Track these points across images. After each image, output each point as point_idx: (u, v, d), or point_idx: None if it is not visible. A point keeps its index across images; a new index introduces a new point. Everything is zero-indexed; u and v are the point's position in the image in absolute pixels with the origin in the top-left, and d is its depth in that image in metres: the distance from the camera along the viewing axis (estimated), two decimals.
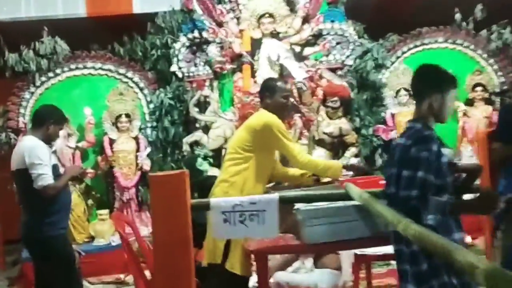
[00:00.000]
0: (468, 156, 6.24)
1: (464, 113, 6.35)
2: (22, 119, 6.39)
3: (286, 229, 3.14)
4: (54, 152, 6.10)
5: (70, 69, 6.59)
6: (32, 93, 6.48)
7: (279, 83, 3.73)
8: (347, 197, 2.84)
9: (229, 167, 3.53)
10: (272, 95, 3.59)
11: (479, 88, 6.33)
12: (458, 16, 6.55)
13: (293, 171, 3.74)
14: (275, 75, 6.21)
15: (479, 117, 6.31)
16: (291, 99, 3.64)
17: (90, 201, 6.50)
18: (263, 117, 3.56)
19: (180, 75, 6.50)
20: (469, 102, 6.43)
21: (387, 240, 2.96)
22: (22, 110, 6.43)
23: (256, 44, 6.47)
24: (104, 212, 6.24)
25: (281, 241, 3.03)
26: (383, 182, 3.91)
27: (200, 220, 3.31)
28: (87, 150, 6.54)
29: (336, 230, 2.93)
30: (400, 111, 6.51)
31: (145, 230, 6.15)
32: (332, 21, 6.64)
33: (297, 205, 3.01)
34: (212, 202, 2.77)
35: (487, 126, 6.27)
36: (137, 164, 6.44)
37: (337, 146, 6.29)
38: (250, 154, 3.48)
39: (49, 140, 3.95)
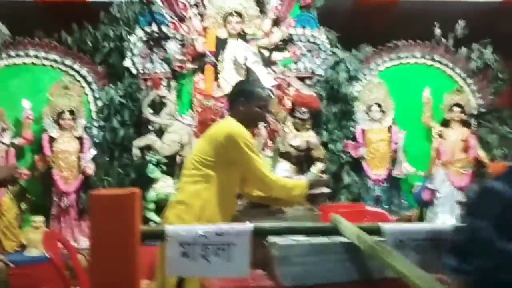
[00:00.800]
0: (441, 180, 5.83)
1: (440, 134, 5.94)
2: None
3: (255, 264, 2.55)
4: None
5: (10, 56, 5.89)
6: None
7: (258, 89, 3.13)
8: (334, 231, 2.31)
9: (186, 185, 2.92)
10: (248, 101, 3.02)
11: (457, 109, 5.91)
12: (437, 31, 6.16)
13: None
14: (239, 78, 5.66)
15: (455, 140, 5.90)
16: (267, 110, 3.09)
17: (23, 205, 5.77)
18: (227, 126, 2.98)
19: (134, 71, 5.91)
20: (446, 123, 6.02)
21: (382, 287, 2.43)
22: None
23: (221, 44, 5.91)
24: (39, 219, 5.51)
25: (250, 281, 2.45)
26: (372, 210, 3.44)
27: None
28: (24, 148, 5.82)
29: (320, 271, 2.36)
30: (371, 128, 6.08)
31: (85, 242, 5.52)
32: (304, 27, 6.18)
33: (272, 238, 2.43)
34: (168, 230, 2.18)
35: (462, 150, 5.87)
36: (79, 167, 5.77)
37: (303, 160, 5.81)
38: (210, 172, 2.88)
39: None
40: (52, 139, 5.74)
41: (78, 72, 6.01)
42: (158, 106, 5.83)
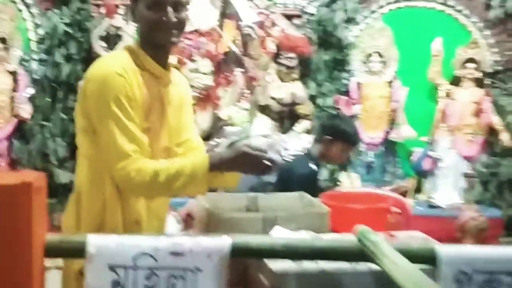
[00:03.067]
0: (445, 148, 4.98)
1: (447, 94, 5.05)
2: None
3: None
4: None
5: None
6: None
7: None
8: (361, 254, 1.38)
9: (77, 168, 1.85)
10: (134, 5, 1.78)
11: (471, 65, 5.00)
12: None
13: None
14: (215, 12, 4.68)
15: (466, 101, 5.00)
16: (171, 11, 1.71)
17: None
18: (93, 66, 1.76)
19: None
20: (456, 81, 5.11)
21: None
22: None
23: None
24: None
25: None
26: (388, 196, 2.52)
27: None
28: None
29: None
30: (368, 81, 5.15)
31: None
32: None
33: (270, 262, 1.53)
34: (91, 242, 1.24)
35: (473, 113, 5.00)
36: (12, 109, 4.75)
37: (286, 116, 4.94)
38: (90, 145, 1.76)
39: None
40: None
41: None
42: (112, 39, 4.81)
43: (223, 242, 1.28)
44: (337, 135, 3.05)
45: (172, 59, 1.96)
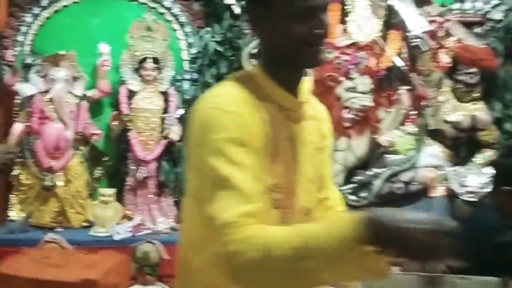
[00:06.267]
0: None
1: None
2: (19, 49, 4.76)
3: None
4: (50, 100, 4.52)
5: None
6: (36, 15, 4.81)
7: None
8: None
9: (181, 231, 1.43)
10: (262, 15, 1.25)
11: None
12: None
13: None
14: (378, 22, 4.26)
15: None
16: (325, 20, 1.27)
17: (96, 173, 4.79)
18: (198, 101, 1.26)
19: (237, 10, 4.56)
20: None
21: None
22: (20, 38, 4.77)
23: None
24: (108, 192, 4.53)
25: None
26: None
27: None
28: (101, 101, 4.80)
29: None
30: None
31: (164, 223, 4.52)
32: None
33: None
34: None
35: None
36: (162, 130, 4.65)
37: (463, 144, 4.33)
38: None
39: None
40: (131, 93, 4.67)
41: (168, 9, 4.85)
42: None
43: None
44: None
45: (306, 81, 1.36)
